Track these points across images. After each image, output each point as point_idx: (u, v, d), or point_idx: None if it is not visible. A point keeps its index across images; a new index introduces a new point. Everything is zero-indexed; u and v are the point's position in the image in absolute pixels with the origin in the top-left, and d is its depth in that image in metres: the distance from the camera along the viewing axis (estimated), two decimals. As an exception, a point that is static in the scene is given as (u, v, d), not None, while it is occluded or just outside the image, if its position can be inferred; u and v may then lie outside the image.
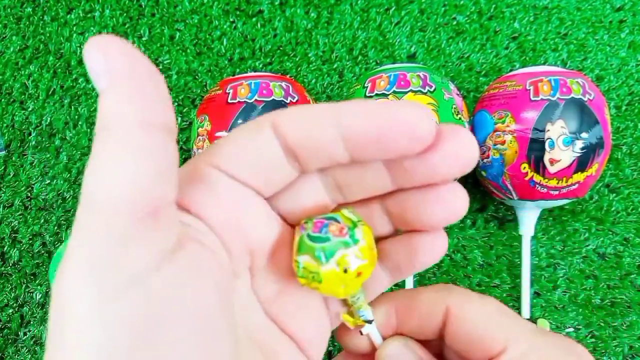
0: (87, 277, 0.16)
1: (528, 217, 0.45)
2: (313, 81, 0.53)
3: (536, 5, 0.53)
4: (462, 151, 0.20)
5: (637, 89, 0.51)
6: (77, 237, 0.17)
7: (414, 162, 0.21)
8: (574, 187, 0.41)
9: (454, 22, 0.53)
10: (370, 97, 0.41)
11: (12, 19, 0.56)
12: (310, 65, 0.53)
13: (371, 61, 0.53)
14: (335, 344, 0.48)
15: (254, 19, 0.55)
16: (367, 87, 0.42)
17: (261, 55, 0.54)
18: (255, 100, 0.41)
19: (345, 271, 0.22)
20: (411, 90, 0.41)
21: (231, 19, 0.55)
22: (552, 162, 0.40)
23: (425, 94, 0.41)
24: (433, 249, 0.24)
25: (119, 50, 0.16)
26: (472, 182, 0.50)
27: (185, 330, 0.17)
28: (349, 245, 0.22)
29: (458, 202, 0.22)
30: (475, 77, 0.52)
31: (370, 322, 0.26)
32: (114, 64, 0.16)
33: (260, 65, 0.53)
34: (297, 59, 0.53)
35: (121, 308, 0.16)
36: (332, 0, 0.54)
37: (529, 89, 0.41)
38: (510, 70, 0.48)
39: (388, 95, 0.41)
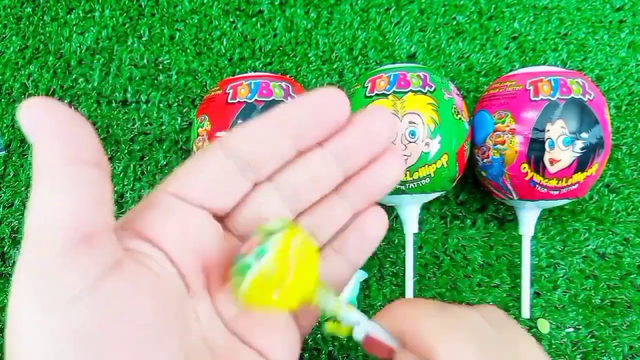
0: (31, 296, 0.18)
1: (528, 217, 0.45)
2: (313, 81, 0.53)
3: (536, 5, 0.53)
4: (377, 122, 0.26)
5: (637, 89, 0.51)
6: (22, 260, 0.19)
7: (353, 140, 0.26)
8: (574, 187, 0.41)
9: (454, 22, 0.53)
10: (370, 97, 0.41)
11: (12, 19, 0.56)
12: (310, 65, 0.53)
13: (371, 61, 0.53)
14: (335, 343, 0.48)
15: (254, 19, 0.54)
16: (367, 87, 0.42)
17: (261, 55, 0.54)
18: (255, 100, 0.41)
19: (260, 286, 0.23)
20: (411, 90, 0.41)
21: (231, 19, 0.55)
22: (552, 162, 0.40)
23: (425, 94, 0.41)
24: (377, 219, 0.29)
25: (43, 108, 0.18)
26: (472, 182, 0.50)
27: (124, 342, 0.19)
28: (256, 259, 0.23)
29: (397, 162, 0.28)
30: (475, 77, 0.52)
31: (357, 323, 0.25)
32: (39, 120, 0.18)
33: (260, 65, 0.53)
34: (297, 59, 0.53)
35: (61, 322, 0.18)
36: (332, 0, 0.54)
37: (529, 89, 0.41)
38: (510, 70, 0.48)
39: (388, 95, 0.41)
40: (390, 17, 0.54)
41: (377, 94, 0.41)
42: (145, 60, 0.54)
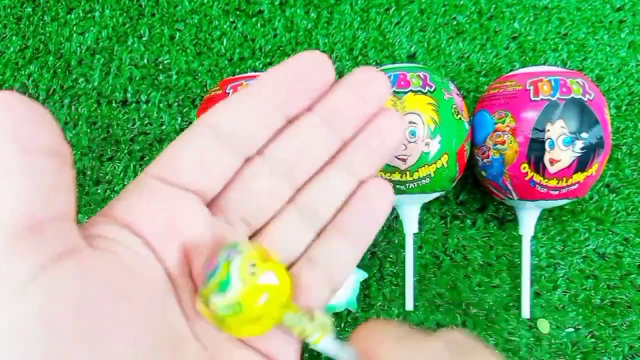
0: None
1: (528, 217, 0.45)
2: (313, 81, 0.53)
3: (536, 5, 0.53)
4: (367, 81, 0.25)
5: (637, 89, 0.51)
6: None
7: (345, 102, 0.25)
8: (574, 187, 0.41)
9: (454, 22, 0.53)
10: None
11: (12, 19, 0.56)
12: (310, 65, 0.53)
13: (371, 61, 0.53)
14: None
15: (254, 19, 0.54)
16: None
17: (261, 55, 0.54)
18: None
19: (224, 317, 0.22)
20: (411, 90, 0.41)
21: (231, 19, 0.55)
22: (552, 162, 0.40)
23: (425, 94, 0.41)
24: (381, 190, 0.27)
25: None
26: (472, 182, 0.50)
27: (76, 334, 0.18)
28: (220, 292, 0.21)
29: (394, 120, 0.26)
30: (475, 77, 0.52)
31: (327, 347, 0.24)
32: None
33: (260, 65, 0.53)
34: (297, 59, 0.53)
35: (9, 317, 0.17)
36: (332, 0, 0.54)
37: (529, 89, 0.41)
38: (510, 70, 0.48)
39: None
40: (390, 17, 0.54)
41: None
42: (145, 60, 0.54)
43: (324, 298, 0.26)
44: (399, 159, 0.40)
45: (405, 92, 0.41)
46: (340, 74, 0.53)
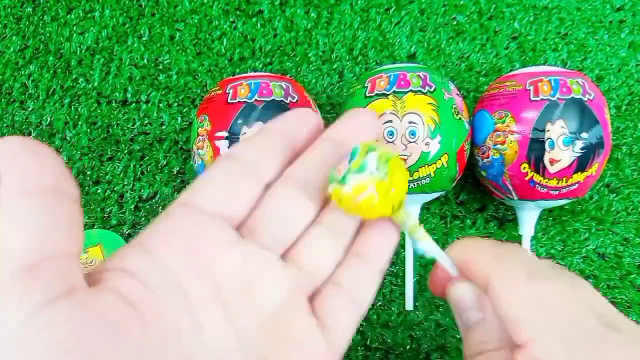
0: None
1: (528, 217, 0.45)
2: (313, 81, 0.53)
3: (536, 5, 0.53)
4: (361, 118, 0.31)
5: (637, 89, 0.51)
6: None
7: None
8: (574, 187, 0.41)
9: (454, 22, 0.53)
10: (370, 97, 0.41)
11: (12, 19, 0.56)
12: (310, 65, 0.53)
13: (371, 61, 0.53)
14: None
15: (254, 19, 0.54)
16: (367, 87, 0.42)
17: (261, 55, 0.54)
18: (255, 100, 0.41)
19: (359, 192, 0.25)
20: (411, 91, 0.40)
21: (231, 19, 0.55)
22: (552, 162, 0.40)
23: (425, 94, 0.40)
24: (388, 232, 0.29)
25: None
26: (472, 182, 0.50)
27: None
28: (358, 171, 0.25)
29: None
30: (475, 77, 0.52)
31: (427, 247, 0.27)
32: None
33: (260, 65, 0.53)
34: (297, 59, 0.53)
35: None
36: (332, 0, 0.54)
37: (529, 89, 0.41)
38: (510, 70, 0.48)
39: (388, 95, 0.41)
40: (390, 17, 0.54)
41: (377, 94, 0.41)
42: (145, 60, 0.54)
43: (351, 322, 0.27)
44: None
45: (405, 92, 0.40)
46: (340, 74, 0.53)
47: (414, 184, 0.41)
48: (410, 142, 0.40)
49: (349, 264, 0.28)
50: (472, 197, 0.50)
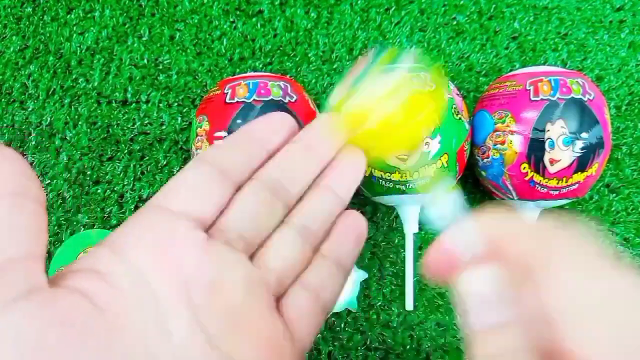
0: None
1: (528, 217, 0.45)
2: (313, 81, 0.53)
3: (536, 5, 0.53)
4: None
5: (637, 89, 0.51)
6: None
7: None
8: (574, 187, 0.41)
9: (454, 22, 0.53)
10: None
11: (12, 19, 0.56)
12: (310, 65, 0.53)
13: (371, 61, 0.53)
14: (335, 343, 0.48)
15: (254, 19, 0.54)
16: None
17: (261, 55, 0.54)
18: (254, 100, 0.41)
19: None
20: (411, 90, 0.40)
21: (231, 19, 0.55)
22: (552, 162, 0.40)
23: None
24: (358, 222, 0.30)
25: None
26: (472, 182, 0.49)
27: None
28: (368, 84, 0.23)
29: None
30: (475, 77, 0.52)
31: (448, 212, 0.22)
32: None
33: (260, 65, 0.53)
34: (297, 59, 0.53)
35: None
36: (332, 0, 0.54)
37: (529, 89, 0.41)
38: (510, 70, 0.48)
39: None
40: (390, 17, 0.54)
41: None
42: (145, 60, 0.54)
43: (316, 320, 0.27)
44: (399, 158, 0.40)
45: None
46: (340, 74, 0.53)
47: (415, 185, 0.41)
48: None
49: (316, 264, 0.28)
50: (472, 197, 0.50)
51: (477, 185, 0.49)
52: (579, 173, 0.41)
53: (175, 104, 0.53)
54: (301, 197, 0.29)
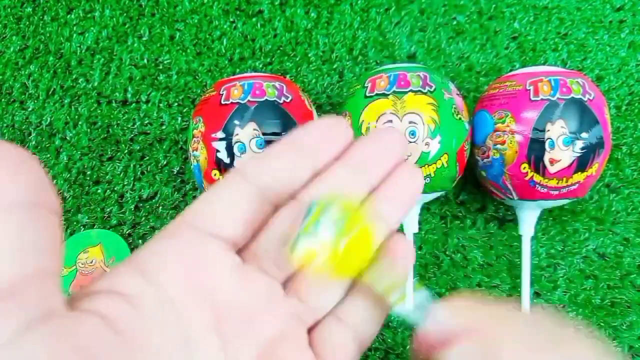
0: None
1: (528, 217, 0.45)
2: (313, 81, 0.53)
3: (536, 5, 0.53)
4: (386, 137, 0.28)
5: (637, 89, 0.51)
6: None
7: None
8: (574, 187, 0.41)
9: (454, 22, 0.53)
10: (370, 97, 0.41)
11: (12, 19, 0.56)
12: (310, 65, 0.53)
13: (371, 61, 0.53)
14: None
15: (254, 19, 0.54)
16: (367, 87, 0.42)
17: (261, 55, 0.54)
18: (248, 101, 0.41)
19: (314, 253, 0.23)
20: (411, 90, 0.40)
21: (231, 19, 0.55)
22: (552, 162, 0.40)
23: (425, 93, 0.40)
24: (404, 246, 0.27)
25: None
26: (472, 182, 0.49)
27: None
28: (311, 231, 0.22)
29: (414, 172, 0.28)
30: (475, 77, 0.52)
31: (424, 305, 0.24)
32: None
33: (260, 65, 0.53)
34: (297, 59, 0.53)
35: None
36: (332, 0, 0.54)
37: (529, 89, 0.41)
38: (511, 70, 0.48)
39: (388, 95, 0.41)
40: (390, 17, 0.54)
41: (377, 94, 0.41)
42: (145, 60, 0.54)
43: (353, 356, 0.26)
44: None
45: (406, 92, 0.40)
46: (340, 74, 0.53)
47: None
48: (411, 142, 0.40)
49: (354, 298, 0.26)
50: (472, 197, 0.50)
51: (477, 185, 0.49)
52: (579, 173, 0.41)
53: (175, 104, 0.53)
54: None
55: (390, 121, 0.40)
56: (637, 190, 0.50)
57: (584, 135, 0.40)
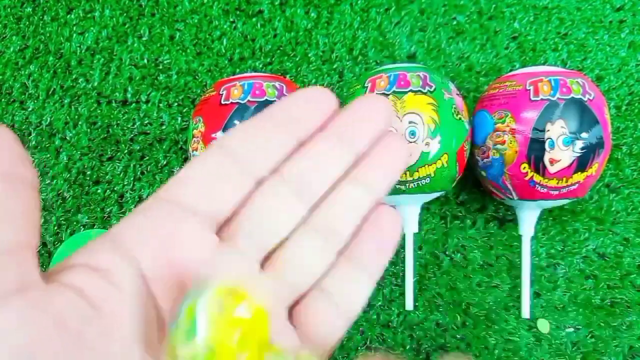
0: None
1: (528, 217, 0.45)
2: (313, 81, 0.53)
3: (536, 5, 0.53)
4: (372, 105, 0.26)
5: (637, 89, 0.51)
6: None
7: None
8: (574, 187, 0.41)
9: (454, 22, 0.53)
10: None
11: (12, 19, 0.56)
12: (310, 65, 0.53)
13: (371, 61, 0.53)
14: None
15: (254, 19, 0.54)
16: (367, 87, 0.42)
17: (261, 55, 0.54)
18: (248, 101, 0.41)
19: None
20: (411, 90, 0.40)
21: (231, 19, 0.54)
22: (552, 162, 0.40)
23: (425, 93, 0.40)
24: (393, 218, 0.26)
25: None
26: (472, 182, 0.49)
27: None
28: (183, 332, 0.19)
29: (399, 143, 0.27)
30: (475, 77, 0.52)
31: None
32: None
33: (260, 65, 0.53)
34: (297, 59, 0.53)
35: None
36: (332, 0, 0.54)
37: (529, 89, 0.41)
38: (510, 70, 0.48)
39: (388, 95, 0.41)
40: (390, 17, 0.54)
41: (377, 94, 0.41)
42: (145, 60, 0.54)
43: (339, 331, 0.25)
44: None
45: (406, 92, 0.40)
46: (340, 74, 0.53)
47: (414, 184, 0.41)
48: (410, 142, 0.40)
49: (340, 268, 0.25)
50: (472, 197, 0.50)
51: (477, 185, 0.49)
52: (579, 173, 0.41)
53: (175, 104, 0.53)
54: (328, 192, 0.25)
55: (390, 121, 0.40)
56: (637, 190, 0.50)
57: (584, 135, 0.40)
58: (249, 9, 0.55)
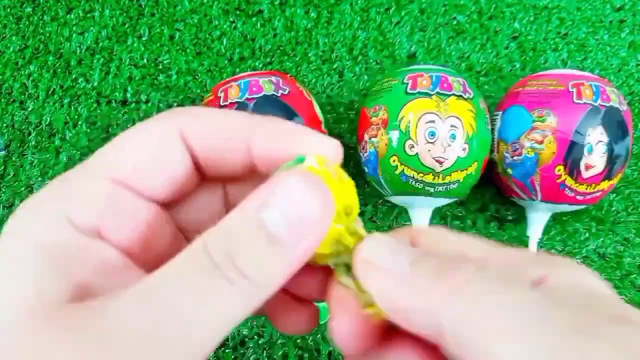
0: None
1: (538, 219, 0.31)
2: (313, 81, 0.37)
3: (536, 5, 0.38)
4: None
5: (637, 89, 0.36)
6: None
7: None
8: (597, 194, 0.27)
9: (454, 22, 0.38)
10: (412, 94, 0.26)
11: (12, 19, 0.39)
12: (310, 65, 0.37)
13: (371, 61, 0.37)
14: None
15: (254, 19, 0.38)
16: (407, 83, 0.26)
17: (261, 55, 0.38)
18: (247, 98, 0.27)
19: None
20: (454, 94, 0.26)
21: (231, 19, 0.38)
22: (588, 167, 0.26)
23: (466, 99, 0.26)
24: None
25: None
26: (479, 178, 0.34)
27: None
28: None
29: None
30: (475, 77, 0.37)
31: None
32: None
33: (260, 65, 0.38)
34: (297, 59, 0.38)
35: None
36: (332, 0, 0.38)
37: (572, 91, 0.26)
38: (511, 70, 0.32)
39: (431, 95, 0.25)
40: (390, 17, 0.38)
41: (419, 92, 0.26)
42: (145, 60, 0.38)
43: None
44: (436, 160, 0.25)
45: (449, 95, 0.26)
46: (340, 74, 0.37)
47: (443, 188, 0.26)
48: (450, 145, 0.25)
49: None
50: (472, 197, 0.35)
51: (477, 185, 0.34)
52: (606, 181, 0.26)
53: (175, 104, 0.37)
54: None
55: (433, 121, 0.25)
56: (637, 190, 0.35)
57: (618, 145, 0.25)
58: (249, 9, 0.38)
